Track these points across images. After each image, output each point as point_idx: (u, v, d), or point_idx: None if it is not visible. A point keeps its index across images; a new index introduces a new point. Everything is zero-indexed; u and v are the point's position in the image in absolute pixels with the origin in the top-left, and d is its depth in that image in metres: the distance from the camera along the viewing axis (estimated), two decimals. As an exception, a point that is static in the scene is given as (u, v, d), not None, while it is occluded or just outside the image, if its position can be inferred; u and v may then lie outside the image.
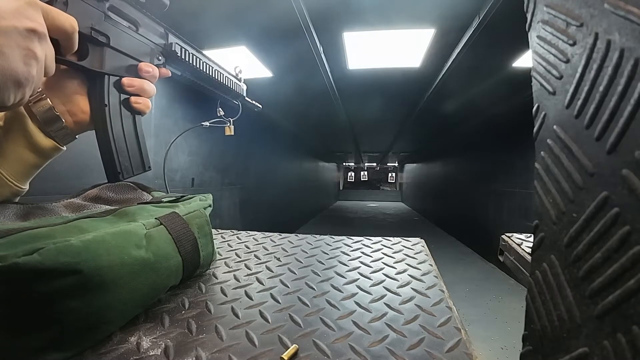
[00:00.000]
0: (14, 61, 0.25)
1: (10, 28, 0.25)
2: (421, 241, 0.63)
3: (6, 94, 0.26)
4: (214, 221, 1.68)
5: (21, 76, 0.26)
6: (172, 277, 0.38)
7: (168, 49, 0.44)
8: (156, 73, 0.43)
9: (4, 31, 0.24)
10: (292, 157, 6.77)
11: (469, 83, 3.11)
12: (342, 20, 2.00)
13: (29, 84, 0.27)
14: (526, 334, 0.22)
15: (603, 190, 0.15)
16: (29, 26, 0.26)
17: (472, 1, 1.76)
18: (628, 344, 0.13)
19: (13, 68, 0.25)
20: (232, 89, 0.59)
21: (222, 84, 0.56)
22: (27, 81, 0.27)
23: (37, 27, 0.27)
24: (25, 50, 0.26)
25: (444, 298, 0.40)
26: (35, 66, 0.27)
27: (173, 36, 0.46)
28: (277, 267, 0.50)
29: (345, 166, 17.51)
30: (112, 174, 0.40)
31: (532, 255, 0.22)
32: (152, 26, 0.43)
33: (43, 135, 0.36)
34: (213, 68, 0.53)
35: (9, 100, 0.26)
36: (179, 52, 0.45)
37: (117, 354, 0.29)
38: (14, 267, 0.23)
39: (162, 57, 0.44)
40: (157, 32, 0.44)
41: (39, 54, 0.27)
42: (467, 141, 5.43)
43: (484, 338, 2.39)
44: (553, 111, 0.20)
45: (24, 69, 0.26)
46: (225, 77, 0.57)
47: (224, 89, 0.58)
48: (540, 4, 0.22)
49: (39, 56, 0.27)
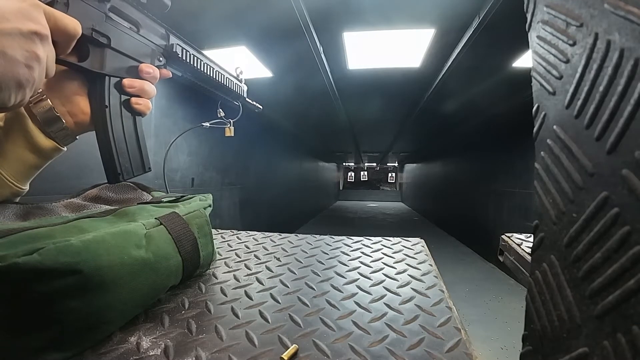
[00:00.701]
0: (16, 63, 0.25)
1: (13, 30, 0.25)
2: (421, 241, 0.63)
3: (7, 95, 0.26)
4: (214, 221, 1.68)
5: (22, 78, 0.26)
6: (172, 277, 0.38)
7: (169, 50, 0.44)
8: (157, 74, 0.43)
9: (7, 33, 0.25)
10: (292, 157, 6.77)
11: (469, 83, 3.11)
12: (342, 20, 2.00)
13: (29, 86, 0.27)
14: (526, 334, 0.22)
15: (603, 190, 0.15)
16: (32, 28, 0.26)
17: (472, 1, 1.76)
18: (628, 344, 0.13)
19: (15, 70, 0.25)
20: (232, 90, 0.59)
21: (222, 85, 0.56)
22: (29, 83, 0.27)
23: (40, 30, 0.27)
24: (27, 53, 0.26)
25: (443, 298, 0.40)
26: (37, 68, 0.27)
27: (174, 37, 0.45)
28: (277, 267, 0.50)
29: (345, 166, 17.51)
30: (112, 175, 0.40)
31: (532, 255, 0.22)
32: (153, 27, 0.42)
33: (43, 135, 0.36)
34: (214, 69, 0.53)
35: (9, 101, 0.26)
36: (180, 53, 0.45)
37: (117, 354, 0.29)
38: (14, 267, 0.23)
39: (163, 58, 0.44)
40: (158, 33, 0.43)
41: (41, 56, 0.27)
42: (467, 141, 5.43)
43: (484, 338, 2.39)
44: (553, 111, 0.20)
45: (26, 71, 0.26)
46: (226, 78, 0.57)
47: (224, 90, 0.58)
48: (540, 4, 0.22)
49: (41, 58, 0.27)
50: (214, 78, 0.53)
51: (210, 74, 0.52)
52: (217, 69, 0.54)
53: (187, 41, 0.48)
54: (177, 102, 2.67)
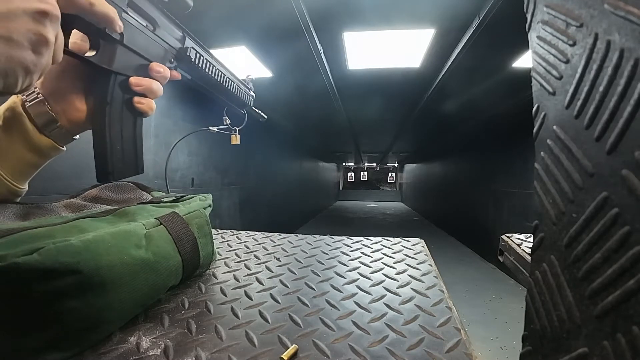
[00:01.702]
0: (23, 49, 0.23)
1: (18, 10, 0.22)
2: (421, 241, 0.63)
3: (13, 81, 0.24)
4: (214, 221, 1.68)
5: (30, 64, 0.24)
6: (172, 277, 0.38)
7: (182, 53, 0.43)
8: (167, 74, 0.41)
9: (12, 14, 0.22)
10: (292, 157, 6.77)
11: (469, 83, 3.11)
12: (342, 20, 2.00)
13: (37, 71, 0.25)
14: (526, 334, 0.22)
15: (603, 191, 0.15)
16: (40, 7, 0.23)
17: (472, 1, 1.76)
18: (628, 344, 0.13)
19: (22, 55, 0.23)
20: (240, 98, 0.58)
21: (230, 92, 0.54)
22: (36, 68, 0.25)
23: (49, 9, 0.24)
24: (35, 36, 0.24)
25: (443, 298, 0.40)
26: (45, 53, 0.25)
27: (190, 40, 0.44)
28: (276, 267, 0.50)
29: (345, 166, 17.51)
30: (102, 173, 0.38)
31: (532, 256, 0.22)
32: (170, 28, 0.41)
33: (40, 134, 0.36)
34: (225, 76, 0.51)
35: (15, 87, 0.25)
36: (193, 58, 0.44)
37: (116, 354, 0.29)
38: (14, 267, 0.23)
39: (174, 60, 0.43)
40: (175, 34, 0.42)
41: (50, 39, 0.25)
42: (467, 141, 5.43)
43: (484, 338, 2.39)
44: (553, 111, 0.20)
45: (33, 56, 0.24)
46: (236, 86, 0.55)
47: (231, 98, 0.56)
48: (540, 4, 0.22)
49: (50, 41, 0.25)
50: (223, 85, 0.52)
51: (220, 80, 0.50)
52: (228, 76, 0.52)
53: (203, 45, 0.46)
54: (177, 103, 2.67)
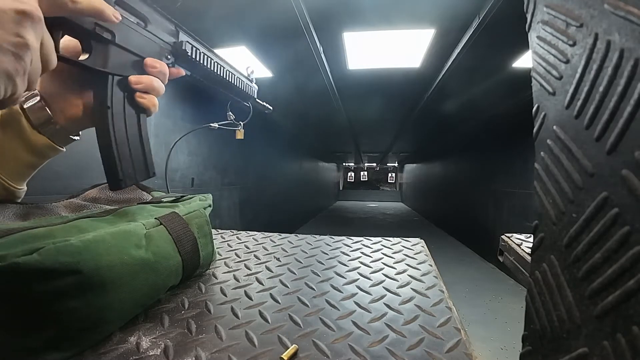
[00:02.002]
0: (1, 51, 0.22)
1: None
2: (421, 241, 0.63)
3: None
4: (214, 221, 1.67)
5: (10, 68, 0.23)
6: (172, 277, 0.38)
7: (178, 48, 0.42)
8: (165, 70, 0.40)
9: None
10: (292, 157, 6.77)
11: (469, 83, 3.11)
12: (342, 20, 2.00)
13: (20, 76, 0.24)
14: (526, 334, 0.22)
15: (603, 191, 0.15)
16: (18, 8, 0.22)
17: (472, 1, 1.76)
18: (628, 344, 0.13)
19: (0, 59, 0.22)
20: (243, 90, 0.57)
21: (234, 85, 0.53)
22: (18, 73, 0.23)
23: (28, 9, 0.22)
24: (14, 38, 0.22)
25: (443, 298, 0.40)
26: (27, 57, 0.24)
27: (184, 34, 0.43)
28: (276, 267, 0.50)
29: (345, 166, 17.51)
30: (113, 181, 0.37)
31: (532, 256, 0.22)
32: (162, 23, 0.40)
33: (37, 133, 0.35)
34: (225, 69, 0.50)
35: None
36: (189, 52, 0.42)
37: (116, 354, 0.29)
38: (14, 267, 0.23)
39: (171, 56, 0.42)
40: (167, 30, 0.41)
41: (30, 42, 0.23)
42: (467, 141, 5.43)
43: (484, 338, 2.39)
44: (553, 111, 0.20)
45: (12, 60, 0.23)
46: (237, 78, 0.54)
47: (235, 91, 0.55)
48: (540, 4, 0.22)
49: (30, 44, 0.23)
50: (225, 78, 0.51)
51: (221, 74, 0.49)
52: (228, 69, 0.51)
53: (198, 38, 0.45)
54: (177, 102, 2.67)
